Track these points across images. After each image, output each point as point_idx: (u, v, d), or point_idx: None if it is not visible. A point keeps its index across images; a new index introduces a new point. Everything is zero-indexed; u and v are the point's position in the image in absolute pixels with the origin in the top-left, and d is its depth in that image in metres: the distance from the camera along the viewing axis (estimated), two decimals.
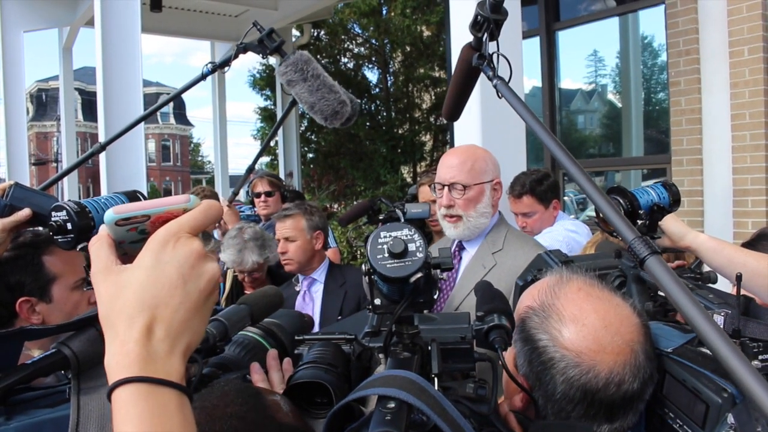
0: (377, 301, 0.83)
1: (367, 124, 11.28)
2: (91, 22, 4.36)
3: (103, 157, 3.43)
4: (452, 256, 2.09)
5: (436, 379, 0.79)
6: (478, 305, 1.00)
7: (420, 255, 0.75)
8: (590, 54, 6.27)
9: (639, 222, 1.32)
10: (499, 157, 2.18)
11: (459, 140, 2.92)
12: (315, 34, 10.80)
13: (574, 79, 6.48)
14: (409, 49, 11.11)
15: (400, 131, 11.44)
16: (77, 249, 1.01)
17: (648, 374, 0.85)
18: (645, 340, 0.87)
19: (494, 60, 0.95)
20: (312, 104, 1.44)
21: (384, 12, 11.48)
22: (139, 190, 1.07)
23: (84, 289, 1.42)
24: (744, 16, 4.13)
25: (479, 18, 0.93)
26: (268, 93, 11.66)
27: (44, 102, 37.37)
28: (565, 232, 2.77)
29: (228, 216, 3.74)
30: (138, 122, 1.85)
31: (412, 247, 0.75)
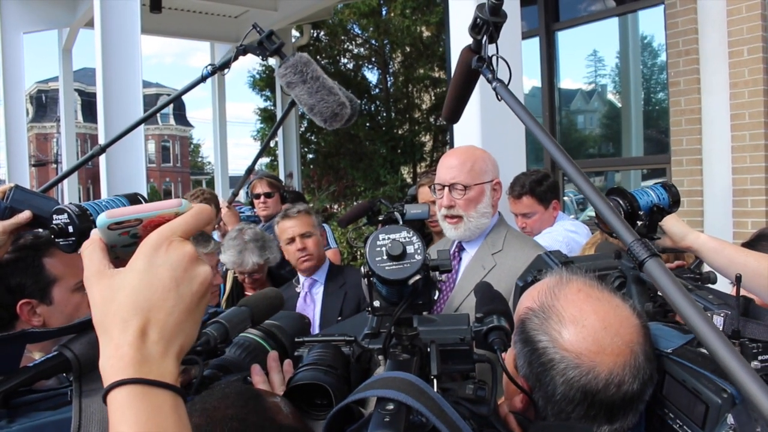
0: (376, 303, 0.83)
1: (367, 124, 11.28)
2: (91, 24, 4.36)
3: (103, 159, 3.43)
4: (452, 257, 2.09)
5: (435, 381, 0.79)
6: (477, 306, 1.00)
7: (418, 257, 0.75)
8: (590, 54, 6.27)
9: (639, 223, 1.32)
10: (499, 158, 2.18)
11: (459, 141, 2.92)
12: (315, 34, 10.80)
13: (574, 79, 6.49)
14: (408, 49, 11.11)
15: (399, 132, 11.44)
16: (78, 252, 1.01)
17: (648, 375, 0.85)
18: (645, 341, 0.87)
19: (493, 62, 0.95)
20: (311, 106, 1.44)
21: (384, 12, 11.48)
22: (140, 193, 1.07)
23: (85, 291, 1.42)
24: (743, 16, 4.14)
25: (478, 20, 0.93)
26: (268, 94, 11.66)
27: (44, 103, 37.34)
28: (564, 232, 2.77)
29: (228, 217, 3.74)
30: (138, 124, 1.85)
31: (410, 249, 0.75)
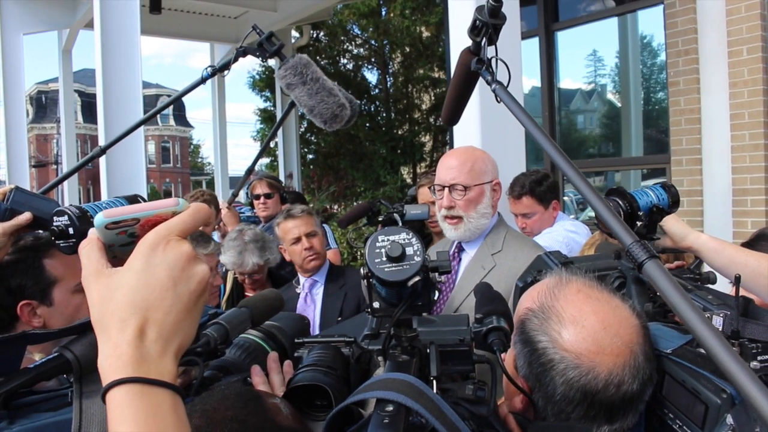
0: (376, 305, 0.83)
1: (367, 125, 11.28)
2: (91, 25, 4.36)
3: (103, 160, 3.43)
4: (451, 258, 2.09)
5: (434, 382, 0.79)
6: (477, 307, 1.00)
7: (418, 259, 0.75)
8: (589, 54, 6.27)
9: (638, 223, 1.32)
10: (499, 158, 2.18)
11: (459, 141, 2.92)
12: (314, 35, 10.81)
13: (574, 79, 6.49)
14: (408, 49, 11.12)
15: (399, 132, 11.45)
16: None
17: (647, 375, 0.86)
18: (644, 341, 0.87)
19: (493, 64, 0.95)
20: (311, 107, 1.44)
21: (383, 13, 11.49)
22: (140, 195, 1.07)
23: (85, 293, 1.42)
24: (743, 16, 4.14)
25: (478, 22, 0.93)
26: (268, 94, 11.66)
27: (44, 104, 37.34)
28: (564, 232, 2.77)
29: (228, 218, 3.74)
30: (138, 126, 1.85)
31: (409, 250, 0.75)
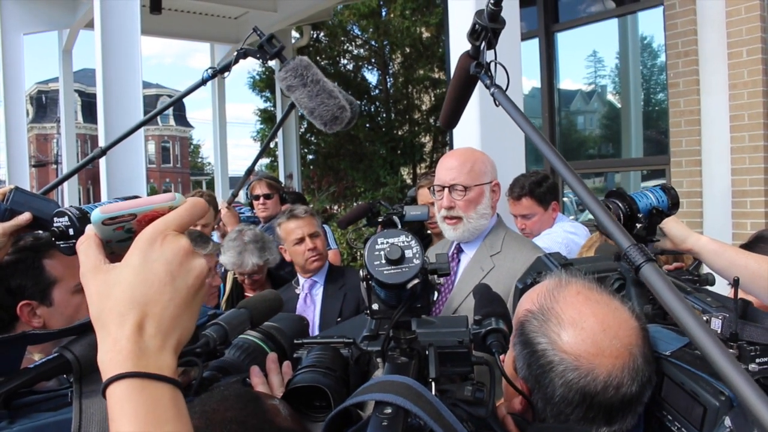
0: (375, 306, 0.83)
1: (367, 125, 11.30)
2: (91, 25, 4.37)
3: (103, 160, 3.43)
4: (450, 259, 2.09)
5: (433, 384, 0.79)
6: (476, 309, 1.01)
7: (417, 261, 0.76)
8: (589, 55, 6.28)
9: (638, 225, 1.32)
10: (499, 159, 2.18)
11: (458, 142, 2.92)
12: (314, 35, 10.81)
13: (574, 80, 6.49)
14: (408, 50, 11.13)
15: (399, 132, 11.46)
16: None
17: (646, 377, 0.86)
18: (643, 343, 0.88)
19: (492, 68, 0.95)
20: (311, 109, 1.44)
21: (383, 13, 11.50)
22: (139, 196, 1.08)
23: (84, 293, 1.42)
24: (742, 17, 4.14)
25: (477, 27, 0.93)
26: (268, 95, 11.68)
27: (44, 104, 37.33)
28: (564, 233, 2.77)
29: (227, 218, 3.74)
30: (138, 127, 1.85)
31: (408, 253, 0.76)
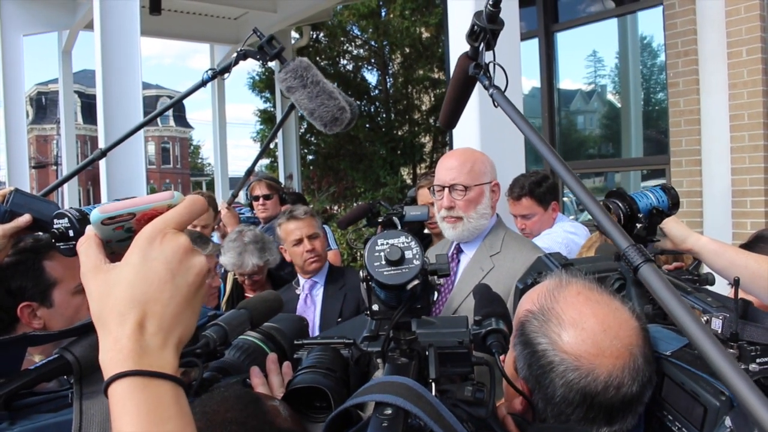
0: (375, 307, 0.83)
1: (367, 125, 11.30)
2: (91, 26, 4.37)
3: (103, 161, 3.43)
4: (450, 259, 2.09)
5: (433, 384, 0.79)
6: (476, 309, 1.01)
7: (417, 262, 0.76)
8: (589, 55, 6.28)
9: (638, 225, 1.32)
10: (498, 159, 2.18)
11: (458, 142, 2.92)
12: (314, 36, 10.81)
13: (573, 80, 6.49)
14: (408, 50, 11.13)
15: (399, 133, 11.46)
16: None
17: (647, 377, 0.86)
18: (644, 343, 0.88)
19: (491, 69, 0.95)
20: (311, 111, 1.44)
21: (383, 14, 11.51)
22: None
23: (85, 294, 1.42)
24: (742, 17, 4.14)
25: (476, 28, 0.93)
26: (268, 95, 11.68)
27: (44, 105, 37.34)
28: (564, 233, 2.77)
29: (227, 218, 3.74)
30: (138, 128, 1.85)
31: (408, 254, 0.76)
